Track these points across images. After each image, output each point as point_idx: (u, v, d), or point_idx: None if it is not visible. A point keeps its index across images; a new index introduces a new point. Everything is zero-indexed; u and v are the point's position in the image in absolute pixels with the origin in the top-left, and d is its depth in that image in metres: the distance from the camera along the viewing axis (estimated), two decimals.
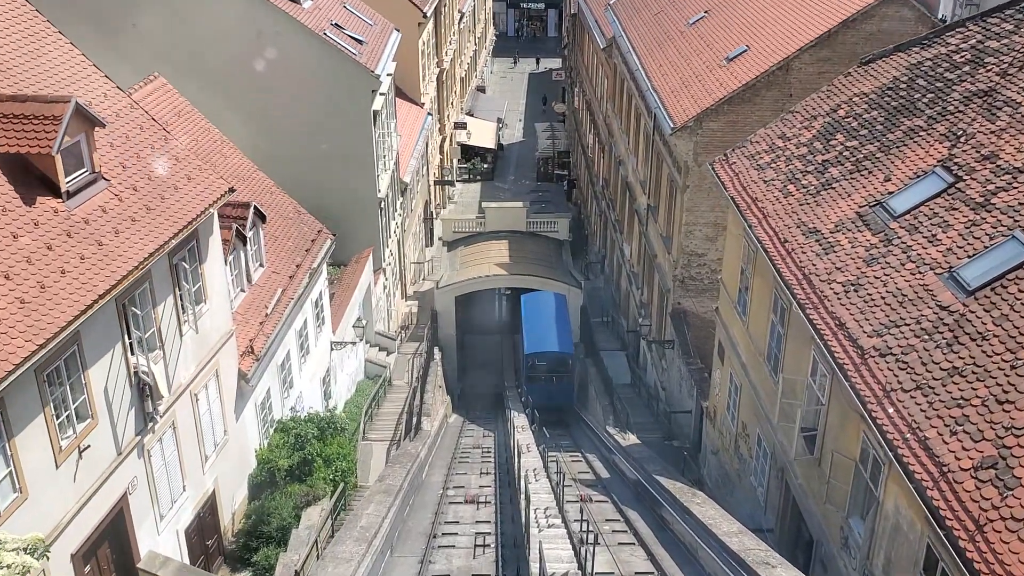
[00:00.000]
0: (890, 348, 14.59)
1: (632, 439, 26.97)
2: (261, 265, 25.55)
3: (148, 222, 17.63)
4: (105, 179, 17.57)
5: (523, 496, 17.66)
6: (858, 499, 15.69)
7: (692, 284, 30.31)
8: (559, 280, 42.61)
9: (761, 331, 20.81)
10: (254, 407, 23.62)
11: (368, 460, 28.02)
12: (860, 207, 18.02)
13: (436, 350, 41.03)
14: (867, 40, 26.56)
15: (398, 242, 42.11)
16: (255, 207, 24.50)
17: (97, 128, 17.35)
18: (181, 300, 19.26)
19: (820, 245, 17.90)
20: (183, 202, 18.78)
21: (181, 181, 19.19)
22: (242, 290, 24.19)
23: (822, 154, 20.54)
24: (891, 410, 13.63)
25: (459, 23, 63.11)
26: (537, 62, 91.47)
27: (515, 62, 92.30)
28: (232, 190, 20.29)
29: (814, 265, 17.50)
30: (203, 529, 21.03)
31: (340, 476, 24.45)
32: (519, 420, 30.12)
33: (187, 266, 19.32)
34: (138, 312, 17.42)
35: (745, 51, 29.45)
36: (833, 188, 19.20)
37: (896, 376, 14.05)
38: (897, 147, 18.71)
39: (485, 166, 63.85)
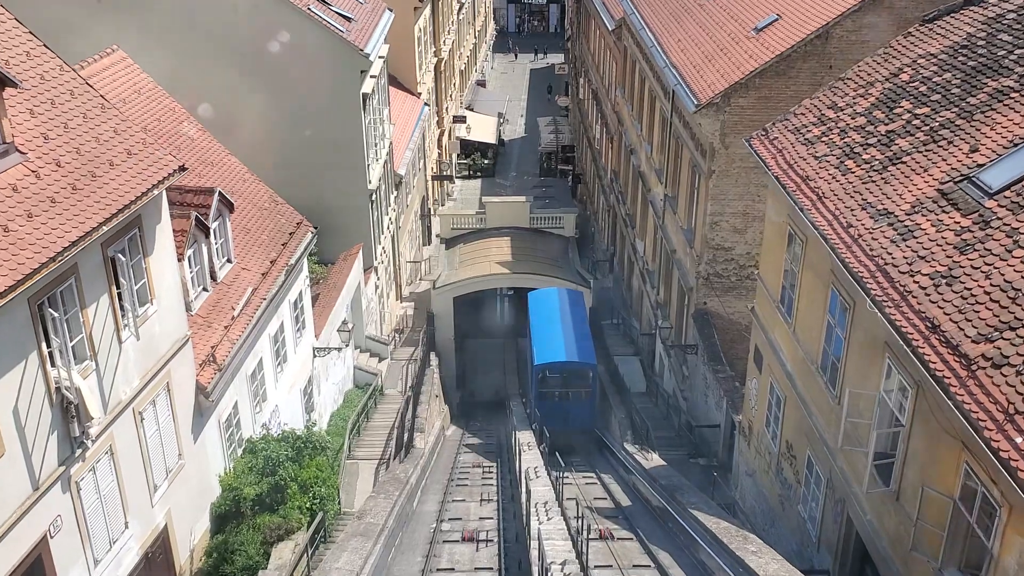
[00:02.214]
0: (1006, 357, 11.32)
1: (656, 459, 23.67)
2: (229, 261, 22.30)
3: (72, 204, 14.39)
4: (20, 152, 14.35)
5: (535, 544, 14.32)
6: (957, 546, 12.44)
7: (718, 282, 27.07)
8: (565, 279, 39.15)
9: (813, 334, 17.55)
10: (217, 425, 20.34)
11: (354, 482, 24.75)
12: (942, 183, 14.75)
13: (433, 355, 37.75)
14: (918, 2, 23.38)
15: (392, 239, 38.89)
16: (220, 193, 21.24)
17: (9, 90, 14.19)
18: (120, 300, 16.04)
19: (895, 230, 14.62)
20: (120, 181, 15.53)
21: (119, 156, 15.95)
22: (205, 289, 20.94)
23: (885, 124, 17.28)
24: (1019, 439, 10.37)
25: (458, 13, 60.10)
26: (535, 53, 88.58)
27: (516, 56, 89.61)
28: (183, 168, 17.01)
29: (890, 254, 14.22)
30: (153, 572, 17.76)
31: (319, 504, 21.14)
32: (524, 437, 26.71)
33: (126, 259, 16.07)
34: (58, 315, 14.18)
35: (776, 20, 26.26)
36: (903, 162, 15.94)
37: (1021, 394, 10.80)
38: (982, 112, 15.45)
39: (486, 162, 60.84)
